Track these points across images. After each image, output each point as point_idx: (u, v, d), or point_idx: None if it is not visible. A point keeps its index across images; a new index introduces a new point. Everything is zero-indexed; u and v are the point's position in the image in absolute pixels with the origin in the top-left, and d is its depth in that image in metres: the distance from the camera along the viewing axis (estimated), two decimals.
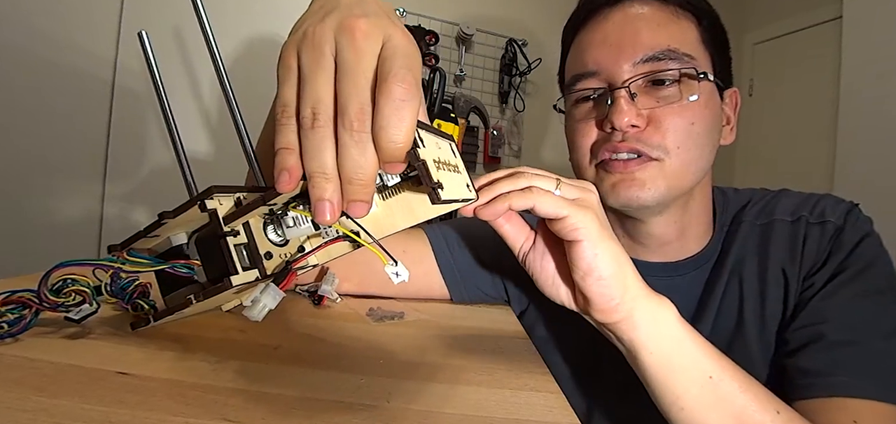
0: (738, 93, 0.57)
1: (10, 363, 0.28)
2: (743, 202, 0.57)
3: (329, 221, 0.24)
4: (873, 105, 1.95)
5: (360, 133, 0.23)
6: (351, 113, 0.23)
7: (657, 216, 0.53)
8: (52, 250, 1.53)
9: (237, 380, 0.30)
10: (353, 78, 0.24)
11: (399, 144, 0.23)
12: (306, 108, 0.24)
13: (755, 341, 0.50)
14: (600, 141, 0.52)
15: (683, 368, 0.38)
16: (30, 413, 0.23)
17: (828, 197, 0.52)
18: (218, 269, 0.30)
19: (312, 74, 0.25)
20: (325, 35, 0.25)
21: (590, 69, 0.52)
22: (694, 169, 0.50)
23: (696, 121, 0.49)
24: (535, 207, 0.36)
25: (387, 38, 0.25)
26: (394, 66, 0.23)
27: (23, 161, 1.53)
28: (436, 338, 0.44)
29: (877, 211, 0.51)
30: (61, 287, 0.31)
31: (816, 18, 2.22)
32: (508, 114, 2.25)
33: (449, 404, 0.30)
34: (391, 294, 0.58)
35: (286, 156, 0.25)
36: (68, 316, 0.31)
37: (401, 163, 0.24)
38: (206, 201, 0.28)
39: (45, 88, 1.54)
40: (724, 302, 0.53)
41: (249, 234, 0.30)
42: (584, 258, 0.36)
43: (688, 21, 0.51)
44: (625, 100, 0.48)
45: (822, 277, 0.47)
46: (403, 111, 0.23)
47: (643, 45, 0.49)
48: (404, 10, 2.06)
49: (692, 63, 0.49)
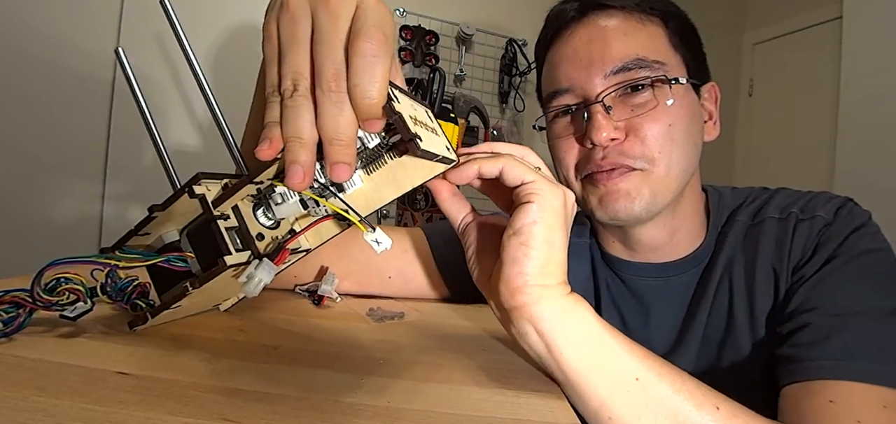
0: (716, 88, 0.57)
1: (9, 363, 0.28)
2: (738, 201, 0.57)
3: (299, 185, 0.25)
4: (873, 105, 1.95)
5: (337, 93, 0.24)
6: (327, 75, 0.24)
7: (647, 223, 0.53)
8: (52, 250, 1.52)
9: (237, 380, 0.30)
10: (329, 42, 0.25)
11: (373, 99, 0.24)
12: (286, 81, 0.25)
13: (746, 339, 0.51)
14: (583, 158, 0.52)
15: (605, 371, 0.34)
16: (29, 412, 0.23)
17: (821, 194, 0.52)
18: (211, 255, 0.30)
19: (289, 47, 0.26)
20: (301, 5, 0.26)
21: (563, 86, 0.52)
22: (677, 171, 0.50)
23: (673, 123, 0.49)
24: (503, 171, 0.35)
25: (360, 3, 0.26)
26: (364, 25, 0.24)
27: (23, 161, 1.53)
28: (436, 338, 0.44)
29: (877, 211, 0.51)
30: (55, 285, 0.31)
31: (816, 18, 2.22)
32: (508, 114, 2.25)
33: (449, 404, 0.30)
34: (391, 294, 0.58)
35: (270, 128, 0.26)
36: (63, 314, 0.31)
37: (378, 120, 0.25)
38: (194, 187, 0.29)
39: (45, 88, 1.54)
40: (715, 302, 0.53)
41: (240, 217, 0.31)
42: (523, 217, 0.33)
43: (655, 26, 0.51)
44: (601, 114, 0.49)
45: (811, 267, 0.47)
46: (375, 67, 0.24)
47: (612, 58, 0.49)
48: (404, 9, 2.06)
49: (663, 69, 0.50)
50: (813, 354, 0.42)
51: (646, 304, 0.58)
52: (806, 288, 0.47)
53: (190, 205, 0.30)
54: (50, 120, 1.56)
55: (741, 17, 2.64)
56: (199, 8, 1.63)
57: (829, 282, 0.46)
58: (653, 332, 0.57)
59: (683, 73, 0.52)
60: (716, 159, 2.55)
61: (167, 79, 1.66)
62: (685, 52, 0.53)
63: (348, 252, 0.55)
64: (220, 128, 0.31)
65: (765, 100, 2.53)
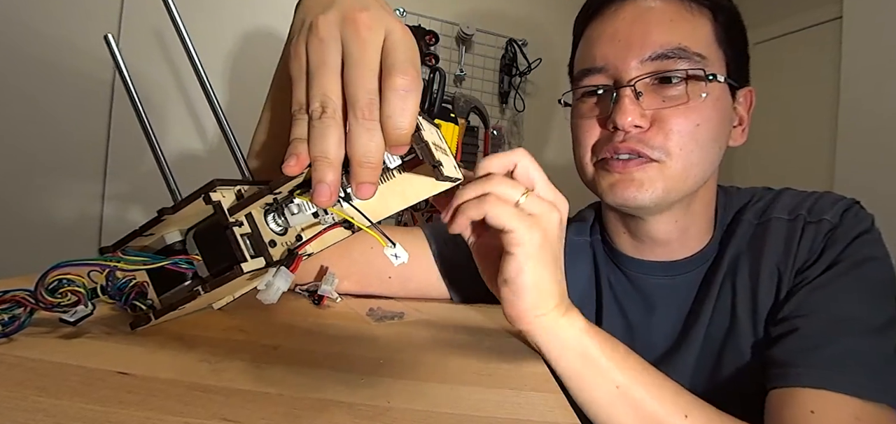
0: (753, 93, 0.56)
1: (10, 363, 0.28)
2: (744, 201, 0.56)
3: (326, 203, 0.26)
4: (873, 105, 1.95)
5: (370, 121, 0.26)
6: (361, 103, 0.26)
7: (657, 216, 0.53)
8: (52, 250, 1.52)
9: (237, 380, 0.30)
10: (361, 71, 0.26)
11: (404, 130, 0.26)
12: (315, 102, 0.27)
13: (747, 339, 0.50)
14: (603, 139, 0.51)
15: (590, 380, 0.40)
16: (29, 412, 0.23)
17: (827, 195, 0.52)
18: (224, 260, 0.31)
19: (319, 70, 0.27)
20: (330, 28, 0.27)
21: (597, 65, 0.51)
22: (696, 172, 0.49)
23: (701, 123, 0.48)
24: (487, 218, 0.36)
25: (388, 31, 0.27)
26: (398, 60, 0.26)
27: (23, 161, 1.53)
28: (436, 338, 0.44)
29: (877, 211, 0.51)
30: (57, 286, 0.31)
31: (816, 18, 2.22)
32: (508, 114, 2.25)
33: (449, 404, 0.30)
34: (391, 294, 0.58)
35: (297, 145, 0.27)
36: (64, 317, 0.31)
37: (405, 146, 0.27)
38: (211, 194, 0.30)
39: (45, 88, 1.54)
40: (719, 301, 0.53)
41: (253, 224, 0.31)
42: (509, 268, 0.37)
43: (703, 17, 0.50)
44: (629, 99, 0.48)
45: (814, 271, 0.47)
46: (407, 101, 0.26)
47: (652, 43, 0.48)
48: (404, 9, 2.05)
49: (702, 63, 0.48)
50: (800, 361, 0.43)
51: (650, 302, 0.58)
52: (804, 293, 0.47)
53: (196, 208, 0.31)
54: (49, 119, 1.56)
55: None
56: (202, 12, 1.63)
57: (826, 291, 0.46)
58: (655, 330, 0.57)
59: (723, 72, 0.50)
60: None
61: (167, 80, 1.66)
62: (729, 49, 0.51)
63: (348, 252, 0.55)
64: (225, 134, 0.32)
65: (765, 100, 2.50)
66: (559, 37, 2.07)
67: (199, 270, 0.32)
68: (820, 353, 0.42)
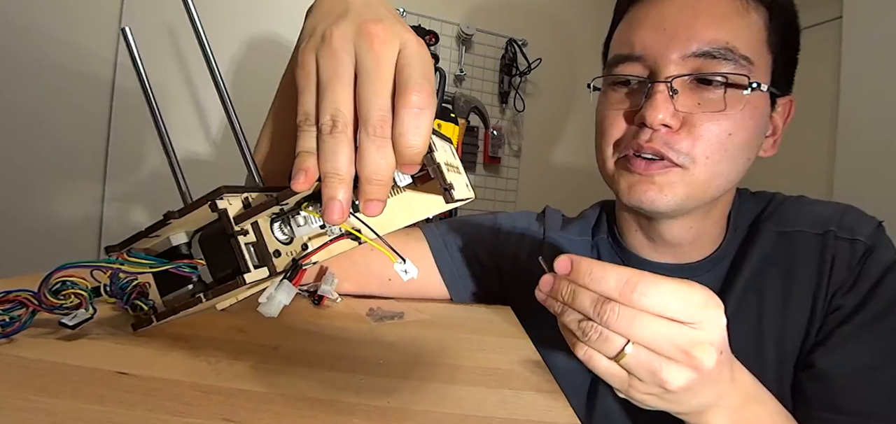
0: (793, 103, 0.52)
1: (10, 363, 0.28)
2: (761, 206, 0.55)
3: (338, 221, 0.25)
4: (873, 105, 1.95)
5: (382, 138, 0.25)
6: (374, 120, 0.25)
7: (674, 220, 0.51)
8: (52, 250, 1.53)
9: (237, 380, 0.30)
10: (374, 85, 0.25)
11: (416, 149, 0.25)
12: (325, 115, 0.25)
13: (771, 353, 0.49)
14: (628, 135, 0.49)
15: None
16: (29, 412, 0.23)
17: (853, 209, 0.50)
18: (228, 268, 0.30)
19: (331, 82, 0.26)
20: (344, 40, 0.26)
21: (636, 52, 0.48)
22: (721, 182, 0.47)
23: (734, 132, 0.45)
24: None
25: (403, 44, 0.26)
26: (412, 76, 0.25)
27: (23, 161, 1.53)
28: (436, 338, 0.44)
29: (877, 211, 0.51)
30: (60, 288, 0.31)
31: (816, 18, 2.22)
32: (508, 114, 2.25)
33: (449, 404, 0.30)
34: (391, 294, 0.58)
35: (305, 158, 0.26)
36: (63, 321, 0.31)
37: (416, 166, 0.26)
38: (217, 201, 0.29)
39: (45, 88, 1.54)
40: (740, 309, 0.51)
41: (258, 233, 0.31)
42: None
43: (757, 15, 0.46)
44: (663, 96, 0.45)
45: (849, 301, 0.46)
46: (421, 119, 0.25)
47: (698, 37, 0.44)
48: (404, 10, 2.05)
49: (747, 68, 0.45)
50: (844, 409, 0.42)
51: None
52: (844, 333, 0.45)
53: (203, 211, 0.30)
54: (50, 120, 1.56)
55: None
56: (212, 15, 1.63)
57: (866, 334, 0.44)
58: None
59: (767, 78, 0.47)
60: None
61: (168, 80, 1.66)
62: (779, 54, 0.48)
63: (348, 254, 0.55)
64: (238, 138, 0.32)
65: None
66: (559, 37, 2.08)
67: (202, 275, 0.32)
68: (855, 403, 0.42)
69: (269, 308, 0.30)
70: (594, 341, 0.32)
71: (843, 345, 0.45)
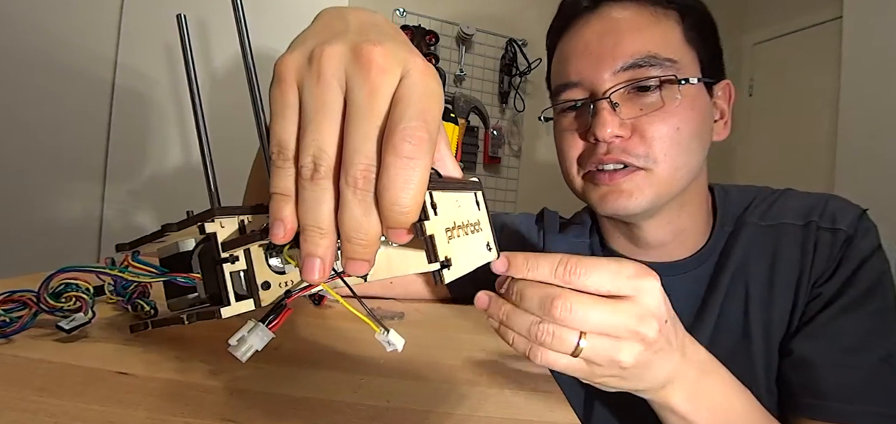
0: (731, 85, 0.56)
1: (10, 363, 0.28)
2: (746, 201, 0.56)
3: (317, 281, 0.22)
4: (873, 105, 1.95)
5: (364, 192, 0.20)
6: (355, 169, 0.20)
7: (651, 220, 0.53)
8: (52, 251, 1.52)
9: (237, 380, 0.30)
10: (362, 126, 0.21)
11: (404, 209, 0.20)
12: (306, 156, 0.21)
13: (759, 344, 0.50)
14: (586, 152, 0.51)
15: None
16: (30, 413, 0.23)
17: (836, 198, 0.52)
18: (216, 290, 0.28)
19: (316, 117, 0.21)
20: (335, 66, 0.21)
21: (572, 80, 0.51)
22: (683, 173, 0.49)
23: (681, 126, 0.48)
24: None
25: (405, 72, 0.21)
26: (405, 115, 0.20)
27: (23, 161, 1.53)
28: (436, 338, 0.44)
29: (877, 211, 0.51)
30: (62, 291, 0.31)
31: (816, 18, 2.22)
32: (508, 114, 2.25)
33: (449, 404, 0.30)
34: (392, 295, 0.58)
35: (282, 205, 0.22)
36: (60, 325, 0.31)
37: (404, 230, 0.21)
38: (206, 224, 0.26)
39: (45, 88, 1.54)
40: (727, 302, 0.52)
41: (249, 261, 0.28)
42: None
43: (670, 20, 0.50)
44: (607, 111, 0.48)
45: (829, 289, 0.47)
46: (410, 172, 0.20)
47: (623, 53, 0.48)
48: (404, 10, 2.06)
49: (673, 68, 0.48)
50: (815, 394, 0.44)
51: None
52: (822, 318, 0.47)
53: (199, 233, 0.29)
54: (50, 120, 1.56)
55: (741, 17, 2.64)
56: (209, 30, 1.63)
57: (846, 317, 0.46)
58: None
59: (696, 72, 0.50)
60: (716, 159, 2.52)
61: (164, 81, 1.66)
62: (701, 47, 0.51)
63: None
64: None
65: (765, 100, 2.52)
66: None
67: (198, 289, 0.31)
68: (835, 386, 0.44)
69: (238, 351, 0.26)
70: (549, 343, 0.30)
71: (823, 331, 0.46)
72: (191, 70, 0.30)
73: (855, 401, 0.43)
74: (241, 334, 0.27)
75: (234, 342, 0.27)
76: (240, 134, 0.46)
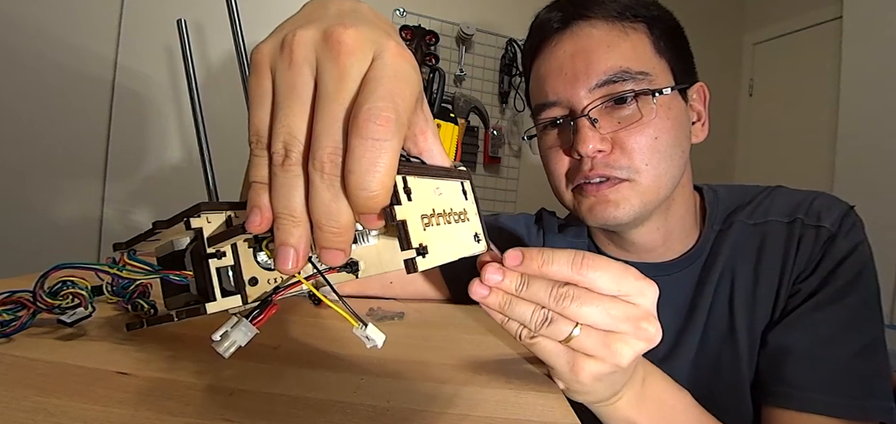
0: (704, 87, 0.57)
1: (10, 363, 0.28)
2: (736, 202, 0.56)
3: (291, 271, 0.21)
4: (873, 105, 1.95)
5: (331, 176, 0.20)
6: (322, 153, 0.20)
7: (639, 227, 0.54)
8: (52, 250, 1.53)
9: (237, 380, 0.30)
10: (330, 108, 0.20)
11: (371, 193, 0.19)
12: (277, 142, 0.21)
13: (744, 340, 0.51)
14: (573, 167, 0.52)
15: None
16: (29, 412, 0.23)
17: (823, 196, 0.52)
18: (204, 286, 0.28)
19: (286, 101, 0.21)
20: (305, 50, 0.21)
21: (550, 99, 0.52)
22: (666, 180, 0.50)
23: (659, 135, 0.49)
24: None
25: (377, 53, 0.21)
26: (372, 95, 0.19)
27: (23, 161, 1.53)
28: (436, 338, 0.44)
29: (877, 211, 0.51)
30: (59, 289, 0.31)
31: (816, 18, 2.22)
32: (508, 114, 2.25)
33: (449, 404, 0.30)
34: (392, 295, 0.58)
35: (258, 193, 0.22)
36: (61, 318, 0.31)
37: (373, 215, 0.20)
38: (192, 219, 0.26)
39: (45, 88, 1.54)
40: (716, 300, 0.53)
41: (236, 257, 0.28)
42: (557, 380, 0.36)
43: (639, 34, 0.51)
44: (587, 127, 0.49)
45: (809, 285, 0.48)
46: (375, 153, 0.19)
47: (596, 71, 0.49)
48: (404, 9, 2.06)
49: (647, 80, 0.49)
50: (790, 384, 0.45)
51: None
52: (800, 311, 0.48)
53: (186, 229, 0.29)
54: (50, 120, 1.56)
55: (741, 17, 2.64)
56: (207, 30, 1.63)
57: (824, 310, 0.47)
58: None
59: (669, 80, 0.51)
60: (716, 159, 2.54)
61: (163, 81, 1.66)
62: (671, 56, 0.52)
63: None
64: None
65: (765, 100, 2.53)
66: None
67: (191, 286, 0.31)
68: (809, 376, 0.45)
69: (221, 347, 0.26)
70: (544, 329, 0.31)
71: (799, 323, 0.47)
72: (191, 73, 0.30)
73: (828, 392, 0.44)
74: (224, 329, 0.26)
75: (217, 337, 0.26)
76: (238, 133, 0.47)
